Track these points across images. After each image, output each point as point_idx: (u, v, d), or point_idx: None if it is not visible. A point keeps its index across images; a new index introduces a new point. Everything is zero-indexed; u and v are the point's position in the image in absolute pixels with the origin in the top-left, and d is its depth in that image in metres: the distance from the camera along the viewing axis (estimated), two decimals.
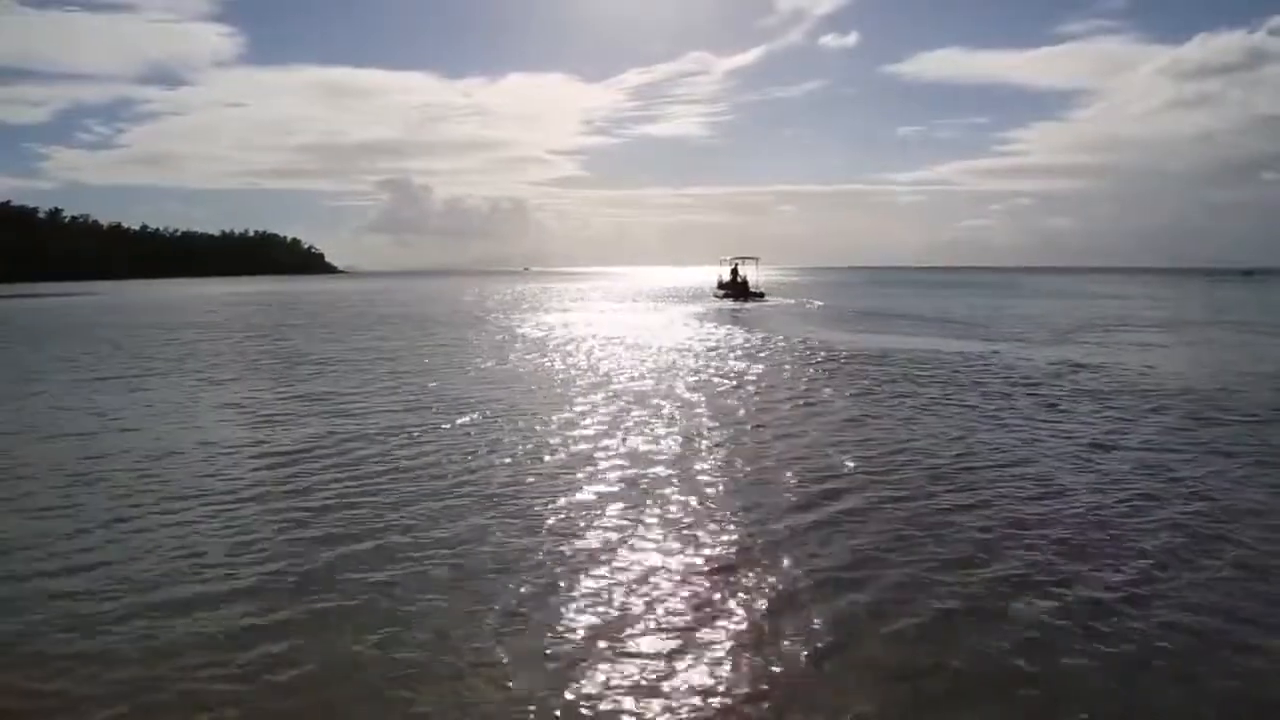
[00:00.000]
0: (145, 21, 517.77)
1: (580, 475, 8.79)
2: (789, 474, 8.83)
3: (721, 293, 52.12)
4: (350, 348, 23.12)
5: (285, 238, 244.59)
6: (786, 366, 18.24)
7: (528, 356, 20.63)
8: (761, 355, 20.45)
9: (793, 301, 50.42)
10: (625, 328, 30.39)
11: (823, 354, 20.58)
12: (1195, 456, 9.54)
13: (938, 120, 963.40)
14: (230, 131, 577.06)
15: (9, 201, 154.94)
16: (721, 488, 8.38)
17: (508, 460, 9.49)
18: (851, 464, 9.22)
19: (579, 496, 8.01)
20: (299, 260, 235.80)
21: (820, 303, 50.12)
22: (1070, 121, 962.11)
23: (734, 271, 52.66)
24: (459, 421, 11.83)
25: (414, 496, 8.06)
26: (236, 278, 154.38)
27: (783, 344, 23.26)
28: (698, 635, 5.08)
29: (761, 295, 50.69)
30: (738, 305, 46.03)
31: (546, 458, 9.60)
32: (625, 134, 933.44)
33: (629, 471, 8.91)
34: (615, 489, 8.28)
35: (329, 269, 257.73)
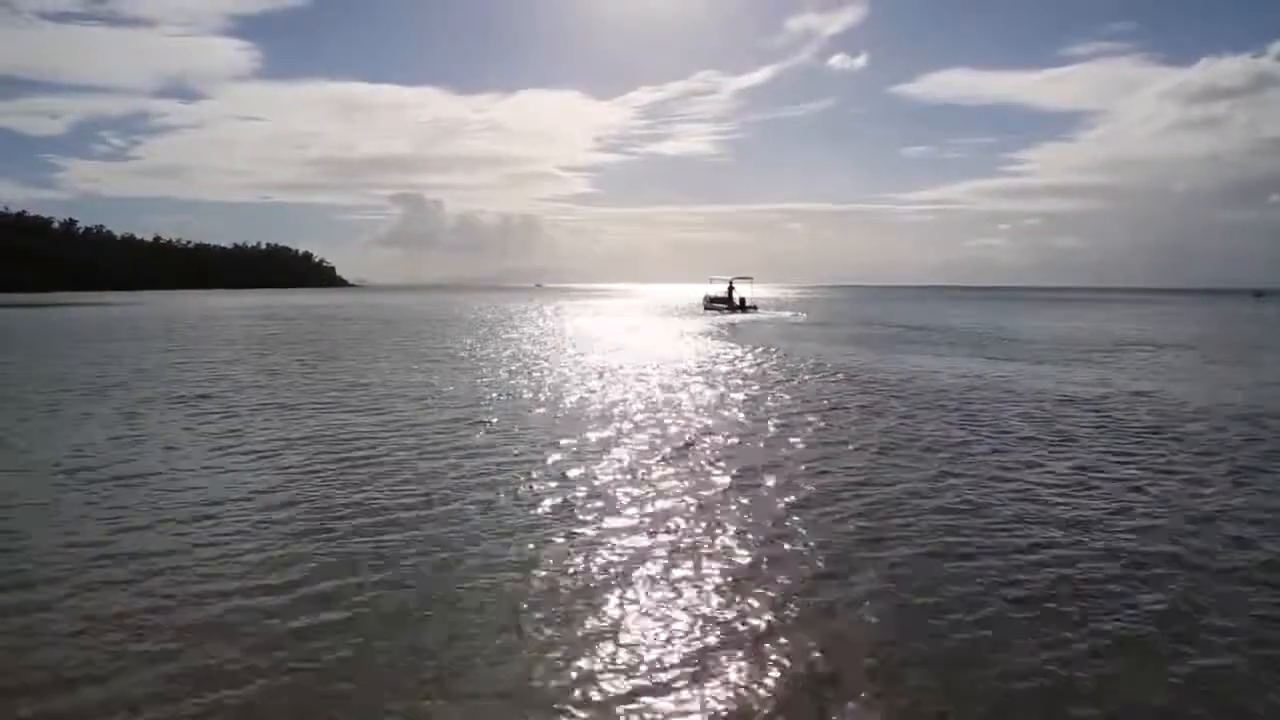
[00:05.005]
0: (163, 36, 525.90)
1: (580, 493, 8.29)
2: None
3: (723, 305, 57.65)
4: (396, 367, 22.36)
5: (297, 251, 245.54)
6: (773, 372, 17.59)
7: (550, 375, 20.00)
8: (748, 365, 19.96)
9: (777, 315, 55.43)
10: (636, 341, 31.09)
11: (799, 361, 20.00)
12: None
13: (946, 140, 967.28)
14: (245, 145, 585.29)
15: (24, 212, 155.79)
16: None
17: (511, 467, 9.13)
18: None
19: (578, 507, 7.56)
20: (310, 273, 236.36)
21: (806, 315, 55.84)
22: (1077, 142, 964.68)
23: (730, 288, 58.85)
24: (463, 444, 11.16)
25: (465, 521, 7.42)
26: (249, 290, 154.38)
27: (765, 354, 23.30)
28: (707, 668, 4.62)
29: (754, 308, 57.41)
30: (732, 318, 50.14)
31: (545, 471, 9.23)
32: (636, 151, 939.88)
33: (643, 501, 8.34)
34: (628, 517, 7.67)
35: (340, 282, 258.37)
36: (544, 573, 6.15)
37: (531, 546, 6.72)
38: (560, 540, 6.87)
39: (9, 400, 14.86)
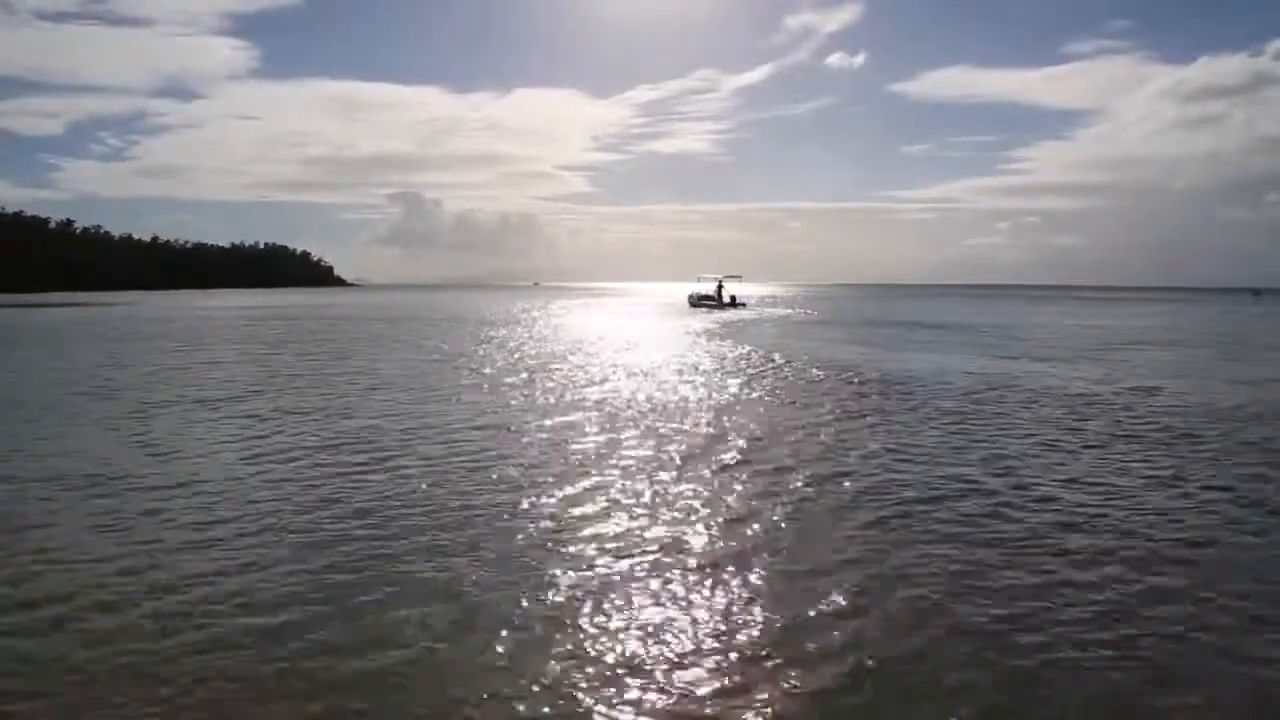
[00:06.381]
0: (160, 35, 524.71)
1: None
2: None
3: (712, 302, 61.37)
4: (406, 370, 22.38)
5: (295, 250, 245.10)
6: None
7: (554, 373, 19.94)
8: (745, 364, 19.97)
9: (778, 312, 57.85)
10: (639, 339, 31.15)
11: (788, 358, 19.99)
12: None
13: (945, 139, 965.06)
14: (242, 144, 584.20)
15: (21, 212, 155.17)
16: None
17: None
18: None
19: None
20: (308, 273, 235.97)
21: (806, 312, 57.77)
22: (1077, 140, 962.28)
23: (719, 286, 63.05)
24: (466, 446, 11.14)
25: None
26: (247, 290, 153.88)
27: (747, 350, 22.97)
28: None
29: (744, 304, 61.83)
30: (724, 316, 52.20)
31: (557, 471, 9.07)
32: (634, 150, 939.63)
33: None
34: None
35: (338, 282, 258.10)
36: (564, 576, 6.16)
37: (552, 550, 6.74)
38: (583, 544, 6.89)
39: (19, 405, 14.79)
